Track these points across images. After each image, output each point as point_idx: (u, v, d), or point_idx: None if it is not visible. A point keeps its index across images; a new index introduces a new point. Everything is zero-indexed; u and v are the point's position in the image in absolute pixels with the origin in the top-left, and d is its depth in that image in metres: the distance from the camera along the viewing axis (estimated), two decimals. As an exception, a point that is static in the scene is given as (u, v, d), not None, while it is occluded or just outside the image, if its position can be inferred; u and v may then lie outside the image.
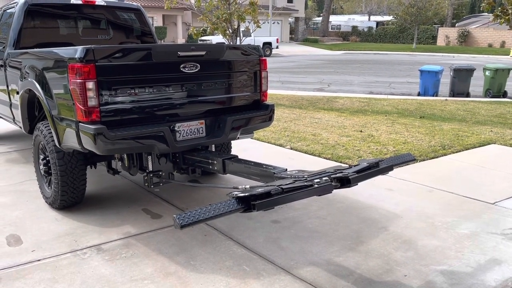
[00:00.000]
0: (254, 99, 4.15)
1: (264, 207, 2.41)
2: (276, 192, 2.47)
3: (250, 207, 2.39)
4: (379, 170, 3.08)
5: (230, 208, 2.38)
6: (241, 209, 2.41)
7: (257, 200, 2.39)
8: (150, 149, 3.46)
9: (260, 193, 2.43)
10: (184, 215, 2.28)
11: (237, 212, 2.41)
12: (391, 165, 3.20)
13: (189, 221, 2.26)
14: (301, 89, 13.36)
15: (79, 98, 3.16)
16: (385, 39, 47.84)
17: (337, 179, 2.80)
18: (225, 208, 2.38)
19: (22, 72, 4.15)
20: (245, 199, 2.41)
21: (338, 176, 2.81)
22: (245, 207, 2.41)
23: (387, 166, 3.15)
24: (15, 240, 3.42)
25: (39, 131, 3.93)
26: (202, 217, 2.31)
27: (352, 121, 7.95)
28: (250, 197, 2.40)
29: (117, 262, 3.10)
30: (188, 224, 2.25)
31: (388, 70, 20.49)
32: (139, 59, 3.37)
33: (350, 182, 2.78)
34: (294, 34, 49.57)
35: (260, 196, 2.42)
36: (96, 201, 4.22)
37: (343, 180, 2.80)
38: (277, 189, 2.49)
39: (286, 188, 2.53)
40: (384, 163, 3.19)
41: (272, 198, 2.45)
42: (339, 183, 2.81)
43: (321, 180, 2.74)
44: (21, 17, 4.77)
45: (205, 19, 11.10)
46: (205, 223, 3.70)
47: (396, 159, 3.35)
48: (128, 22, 5.76)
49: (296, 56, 31.46)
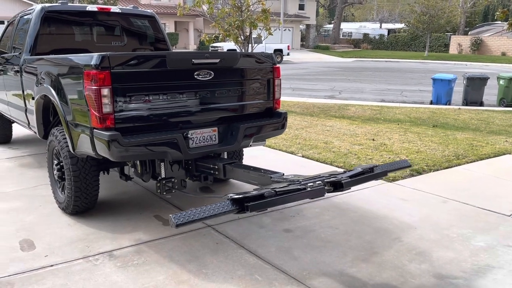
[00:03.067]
0: (267, 106, 4.14)
1: (257, 208, 2.53)
2: (270, 195, 2.59)
3: (244, 208, 2.51)
4: (373, 175, 3.19)
5: (224, 209, 2.50)
6: (235, 210, 2.52)
7: (251, 202, 2.51)
8: (163, 156, 3.46)
9: (254, 195, 2.55)
10: (180, 214, 2.39)
11: (232, 213, 2.53)
12: (385, 170, 3.29)
13: (184, 221, 2.37)
14: (312, 96, 13.34)
15: (94, 105, 3.18)
16: (397, 47, 47.64)
17: (330, 183, 2.91)
18: (220, 209, 2.50)
19: (38, 78, 4.20)
20: (240, 201, 2.52)
21: (331, 180, 2.92)
22: (239, 208, 2.53)
23: (381, 172, 3.25)
24: (28, 245, 3.44)
25: (53, 137, 3.96)
26: (197, 217, 2.42)
27: (364, 129, 7.90)
28: (244, 198, 2.52)
29: (129, 269, 3.10)
30: (183, 223, 2.36)
31: (399, 78, 20.38)
32: (154, 66, 3.39)
33: (343, 186, 2.90)
34: (305, 41, 49.62)
35: (253, 198, 2.54)
36: (108, 207, 4.23)
37: (336, 184, 2.92)
38: (270, 191, 2.60)
39: (279, 191, 2.65)
40: (379, 168, 3.27)
41: (265, 200, 2.56)
42: (332, 187, 2.92)
43: (315, 184, 2.85)
44: (38, 23, 4.84)
45: (217, 26, 11.14)
46: (218, 231, 3.70)
47: (391, 165, 3.44)
48: (142, 29, 5.81)
49: (307, 63, 31.45)
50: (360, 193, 4.63)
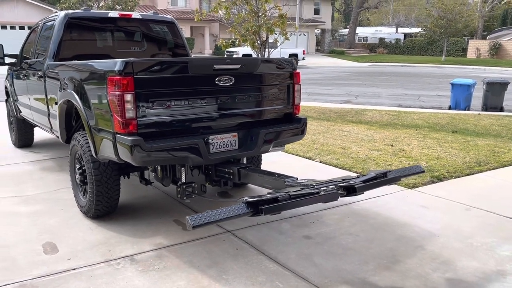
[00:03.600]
0: (287, 112, 4.14)
1: (271, 211, 2.61)
2: (283, 198, 2.65)
3: (258, 211, 2.58)
4: (386, 180, 3.22)
5: (240, 211, 2.57)
6: (250, 213, 2.59)
7: (265, 205, 2.58)
8: (185, 161, 3.48)
9: (268, 198, 2.63)
10: (196, 216, 2.47)
11: (246, 215, 2.59)
12: (398, 176, 3.32)
13: (200, 222, 2.45)
14: (328, 101, 13.28)
15: (117, 110, 3.22)
16: (413, 51, 47.18)
17: (343, 188, 2.97)
18: (235, 211, 2.56)
19: (61, 83, 4.26)
20: (254, 204, 2.59)
21: (344, 185, 2.98)
22: (254, 211, 2.59)
23: (394, 177, 3.28)
24: (51, 248, 3.49)
25: (76, 141, 4.02)
26: (213, 219, 2.50)
27: (382, 134, 7.82)
28: (259, 201, 2.59)
29: (150, 273, 3.11)
30: (199, 225, 2.44)
31: (416, 82, 20.16)
32: (176, 72, 3.42)
33: (356, 191, 2.96)
34: (320, 45, 49.52)
35: (268, 201, 2.62)
36: (129, 211, 4.26)
37: (349, 188, 2.97)
38: (284, 195, 2.67)
39: (293, 195, 2.71)
40: (392, 173, 3.30)
41: (279, 203, 2.63)
42: (345, 192, 2.98)
43: (328, 188, 2.90)
44: (61, 30, 4.92)
45: (234, 31, 11.20)
46: (237, 237, 3.69)
47: (404, 171, 3.46)
48: (162, 34, 5.86)
49: (323, 68, 31.36)
50: (380, 200, 4.58)
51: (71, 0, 26.75)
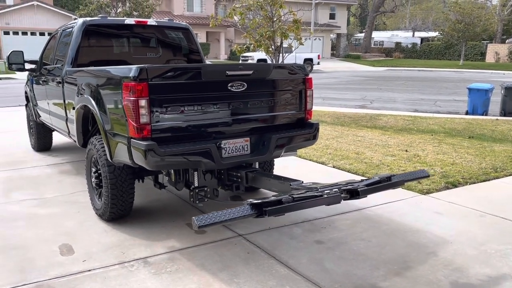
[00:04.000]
0: (299, 117, 4.16)
1: (274, 213, 2.68)
2: (287, 200, 2.74)
3: (262, 213, 2.65)
4: (389, 184, 3.27)
5: (244, 212, 2.65)
6: (254, 214, 2.66)
7: (269, 207, 2.66)
8: (197, 165, 3.54)
9: (272, 200, 2.72)
10: (202, 217, 2.56)
11: (251, 216, 2.67)
12: (403, 180, 3.37)
13: (206, 222, 2.55)
14: (342, 106, 13.24)
15: (132, 115, 3.29)
16: (430, 56, 46.68)
17: (347, 191, 3.03)
18: (240, 212, 2.65)
19: (79, 89, 4.37)
20: (258, 206, 2.67)
21: (348, 188, 3.04)
22: (258, 212, 2.66)
23: (398, 181, 3.32)
24: (67, 250, 3.57)
25: (92, 145, 4.11)
26: (218, 219, 2.58)
27: (396, 139, 7.77)
28: (263, 203, 2.67)
29: (163, 276, 3.16)
30: (205, 225, 2.53)
31: (433, 87, 19.94)
32: (189, 78, 3.49)
33: (359, 194, 3.01)
34: (336, 50, 49.39)
35: (271, 203, 2.70)
36: (143, 214, 4.33)
37: (353, 192, 3.03)
38: (288, 197, 2.76)
39: (296, 197, 2.80)
40: (396, 177, 3.35)
41: (283, 205, 2.71)
42: (348, 195, 3.04)
43: (331, 191, 2.96)
44: (79, 36, 5.04)
45: (248, 36, 11.28)
46: (249, 241, 3.73)
47: (409, 175, 3.55)
48: (177, 40, 5.96)
49: (338, 72, 31.27)
50: (393, 206, 4.56)
51: (90, 7, 27.29)
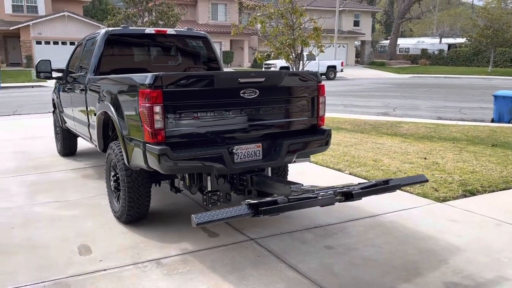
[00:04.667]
0: (311, 123, 4.21)
1: (269, 212, 2.81)
2: (282, 201, 2.89)
3: (258, 212, 2.79)
4: (385, 188, 3.37)
5: (241, 212, 2.78)
6: (251, 214, 2.79)
7: (264, 207, 2.80)
8: (209, 169, 3.63)
9: (268, 201, 2.87)
10: (200, 215, 2.70)
11: (247, 216, 2.80)
12: (399, 184, 3.46)
13: (204, 220, 2.69)
14: (364, 113, 13.16)
15: (147, 121, 3.43)
16: (458, 62, 45.73)
17: (342, 193, 3.15)
18: (237, 211, 2.78)
19: (100, 96, 4.56)
20: (255, 205, 2.81)
21: (343, 191, 3.16)
22: (254, 212, 2.80)
23: (394, 185, 3.41)
24: (85, 250, 3.72)
25: (111, 150, 4.27)
26: (216, 217, 2.72)
27: (416, 147, 7.69)
28: (259, 203, 2.81)
29: (174, 277, 3.26)
30: (203, 223, 2.68)
31: (459, 94, 19.56)
32: (203, 85, 3.60)
33: (353, 197, 3.14)
34: (360, 57, 49.04)
35: (267, 203, 2.84)
36: (159, 217, 4.46)
37: (347, 194, 3.16)
38: (283, 198, 2.91)
39: (291, 198, 2.95)
40: (393, 181, 3.45)
41: (278, 206, 2.85)
42: (343, 197, 3.16)
43: (326, 193, 3.09)
44: (102, 45, 5.26)
45: (269, 44, 11.41)
46: (260, 245, 3.79)
47: (406, 179, 3.61)
48: (196, 49, 6.11)
49: (361, 80, 31.04)
50: (407, 213, 4.54)
51: (117, 17, 28.05)
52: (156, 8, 29.26)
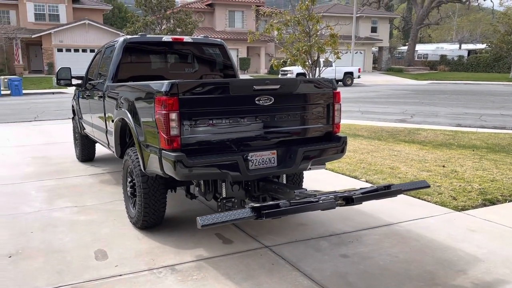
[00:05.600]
0: (327, 131, 4.20)
1: (271, 215, 2.91)
2: (284, 205, 2.97)
3: (261, 215, 2.87)
4: (386, 193, 3.41)
5: (244, 214, 2.89)
6: (254, 216, 2.88)
7: (267, 210, 2.88)
8: (224, 176, 3.65)
9: (270, 204, 2.97)
10: (205, 217, 2.83)
11: (250, 218, 2.89)
12: (400, 189, 3.51)
13: (208, 222, 2.80)
14: (381, 120, 13.03)
15: (163, 128, 3.46)
16: (478, 69, 44.98)
17: (342, 198, 3.22)
18: (240, 214, 2.89)
19: (118, 103, 4.63)
20: (258, 209, 2.90)
21: (344, 196, 3.23)
22: (257, 215, 2.88)
23: (395, 190, 3.45)
24: (102, 255, 3.77)
25: (128, 156, 4.33)
26: (220, 220, 2.83)
27: (434, 155, 7.57)
28: (262, 207, 2.91)
29: (189, 283, 3.27)
30: (207, 225, 2.79)
31: (479, 101, 19.21)
32: (218, 93, 3.63)
33: (354, 201, 3.21)
34: (378, 63, 48.67)
35: (270, 206, 2.94)
36: (174, 223, 4.49)
37: (348, 199, 3.23)
38: (285, 202, 3.00)
39: (293, 202, 3.04)
40: (394, 187, 3.49)
41: (280, 209, 2.94)
42: (344, 202, 3.23)
43: (327, 197, 3.16)
44: (120, 53, 5.35)
45: (285, 51, 11.43)
46: (274, 252, 3.77)
47: (408, 185, 3.63)
48: (212, 56, 6.17)
49: (379, 86, 30.78)
50: (425, 222, 4.46)
51: (136, 25, 28.54)
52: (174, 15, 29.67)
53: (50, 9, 35.80)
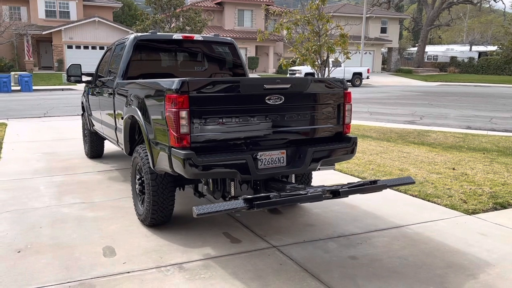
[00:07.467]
0: (337, 131, 4.16)
1: (262, 206, 3.08)
2: (274, 197, 3.17)
3: (252, 206, 3.05)
4: (371, 187, 3.57)
5: (237, 205, 3.06)
6: (246, 207, 3.06)
7: (258, 201, 3.07)
8: (233, 175, 3.63)
9: (262, 196, 3.15)
10: (201, 207, 2.99)
11: (243, 209, 3.07)
12: (385, 184, 3.66)
13: (203, 211, 2.96)
14: (390, 121, 12.95)
15: (173, 125, 3.46)
16: (488, 71, 44.53)
17: (330, 191, 3.42)
18: (233, 205, 3.06)
19: (127, 100, 4.63)
20: (250, 200, 3.08)
21: (331, 189, 3.43)
22: (249, 205, 3.06)
23: (381, 185, 3.61)
24: (110, 252, 3.77)
25: (137, 153, 4.33)
26: (214, 209, 3.00)
27: (444, 157, 7.50)
28: (253, 198, 3.09)
29: (196, 282, 3.26)
30: (202, 214, 2.94)
31: (490, 103, 19.02)
32: (228, 91, 3.61)
33: (340, 194, 3.41)
34: (387, 64, 48.39)
35: (261, 198, 3.13)
36: (182, 222, 4.49)
37: (335, 192, 3.42)
38: (275, 194, 3.21)
39: (283, 194, 3.25)
40: (380, 182, 3.66)
41: (270, 200, 3.14)
42: (331, 195, 3.43)
43: (316, 191, 3.35)
44: (130, 51, 5.35)
45: (295, 50, 11.40)
46: (282, 252, 3.76)
47: (393, 181, 3.86)
48: (222, 54, 6.15)
49: (387, 87, 30.61)
50: (435, 225, 4.42)
51: (145, 22, 28.63)
52: (184, 14, 29.71)
53: (61, 6, 36.04)
